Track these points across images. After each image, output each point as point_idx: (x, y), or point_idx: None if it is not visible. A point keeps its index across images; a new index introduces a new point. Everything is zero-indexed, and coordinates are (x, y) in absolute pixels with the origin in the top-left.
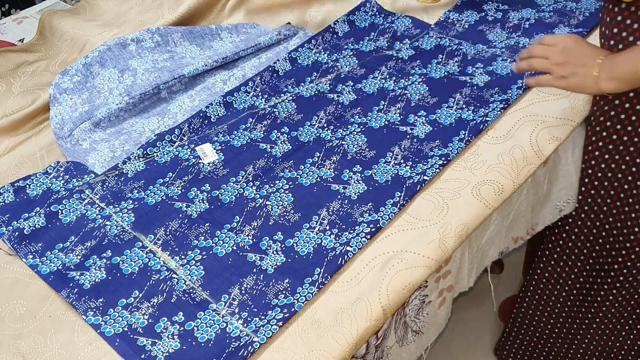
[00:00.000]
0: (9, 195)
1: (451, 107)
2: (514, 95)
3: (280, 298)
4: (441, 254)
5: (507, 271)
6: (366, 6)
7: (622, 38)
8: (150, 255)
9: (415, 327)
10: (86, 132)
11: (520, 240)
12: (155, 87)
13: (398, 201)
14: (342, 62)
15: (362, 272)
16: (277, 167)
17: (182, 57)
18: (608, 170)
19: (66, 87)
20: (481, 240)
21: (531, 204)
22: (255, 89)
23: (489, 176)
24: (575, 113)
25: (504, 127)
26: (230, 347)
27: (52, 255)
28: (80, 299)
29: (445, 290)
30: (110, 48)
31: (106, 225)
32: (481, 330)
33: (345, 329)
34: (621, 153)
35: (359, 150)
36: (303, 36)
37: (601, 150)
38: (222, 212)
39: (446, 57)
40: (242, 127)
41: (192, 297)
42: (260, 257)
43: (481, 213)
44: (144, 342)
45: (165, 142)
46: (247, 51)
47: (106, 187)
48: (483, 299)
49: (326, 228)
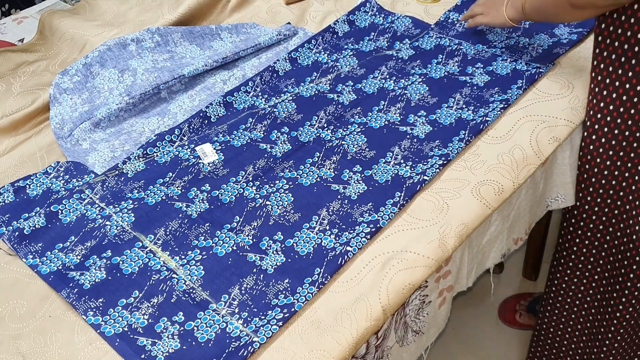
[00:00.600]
0: (9, 195)
1: (451, 107)
2: (514, 95)
3: (280, 298)
4: (441, 254)
5: (507, 271)
6: (366, 6)
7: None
8: (150, 255)
9: (416, 327)
10: (86, 132)
11: (519, 241)
12: (155, 87)
13: (398, 201)
14: (342, 62)
15: (362, 272)
16: (277, 167)
17: (182, 57)
18: (604, 167)
19: (66, 87)
20: (482, 240)
21: (530, 204)
22: (255, 89)
23: (489, 176)
24: (575, 113)
25: (504, 127)
26: (230, 347)
27: (52, 255)
28: (80, 299)
29: (446, 290)
30: (110, 48)
31: (106, 225)
32: (481, 330)
33: (345, 329)
34: (615, 148)
35: (359, 150)
36: (303, 36)
37: (598, 151)
38: (222, 212)
39: (446, 57)
40: (242, 127)
41: (192, 297)
42: (260, 257)
43: (481, 213)
44: (144, 342)
45: (165, 142)
46: (247, 51)
47: (106, 187)
48: (483, 299)
49: (326, 228)
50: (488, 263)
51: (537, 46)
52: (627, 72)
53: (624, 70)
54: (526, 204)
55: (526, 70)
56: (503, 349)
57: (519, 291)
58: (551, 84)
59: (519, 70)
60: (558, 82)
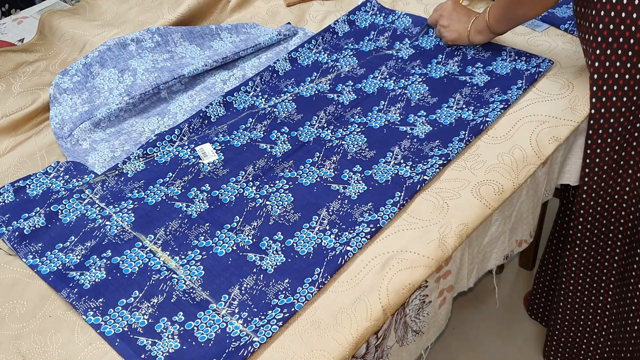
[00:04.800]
0: (9, 195)
1: (451, 107)
2: (514, 95)
3: (280, 298)
4: (441, 254)
5: (507, 271)
6: (367, 6)
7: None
8: (150, 255)
9: (416, 327)
10: (86, 132)
11: (524, 243)
12: (155, 87)
13: (398, 201)
14: (342, 62)
15: (362, 272)
16: (277, 167)
17: (182, 57)
18: (605, 160)
19: (66, 87)
20: (482, 241)
21: (532, 205)
22: (255, 89)
23: (489, 176)
24: (575, 113)
25: (504, 127)
26: (230, 347)
27: (52, 255)
28: (80, 299)
29: (446, 290)
30: (110, 48)
31: (106, 225)
32: (481, 330)
33: (345, 328)
34: (619, 142)
35: (359, 150)
36: (303, 36)
37: (601, 146)
38: (222, 212)
39: (446, 57)
40: (242, 127)
41: (192, 297)
42: (260, 257)
43: (481, 213)
44: (144, 342)
45: (165, 142)
46: (247, 51)
47: (106, 187)
48: (483, 299)
49: (326, 228)
50: (490, 264)
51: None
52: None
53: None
54: (528, 204)
55: (526, 70)
56: (504, 349)
57: (516, 283)
58: (551, 84)
59: (519, 70)
60: (558, 82)
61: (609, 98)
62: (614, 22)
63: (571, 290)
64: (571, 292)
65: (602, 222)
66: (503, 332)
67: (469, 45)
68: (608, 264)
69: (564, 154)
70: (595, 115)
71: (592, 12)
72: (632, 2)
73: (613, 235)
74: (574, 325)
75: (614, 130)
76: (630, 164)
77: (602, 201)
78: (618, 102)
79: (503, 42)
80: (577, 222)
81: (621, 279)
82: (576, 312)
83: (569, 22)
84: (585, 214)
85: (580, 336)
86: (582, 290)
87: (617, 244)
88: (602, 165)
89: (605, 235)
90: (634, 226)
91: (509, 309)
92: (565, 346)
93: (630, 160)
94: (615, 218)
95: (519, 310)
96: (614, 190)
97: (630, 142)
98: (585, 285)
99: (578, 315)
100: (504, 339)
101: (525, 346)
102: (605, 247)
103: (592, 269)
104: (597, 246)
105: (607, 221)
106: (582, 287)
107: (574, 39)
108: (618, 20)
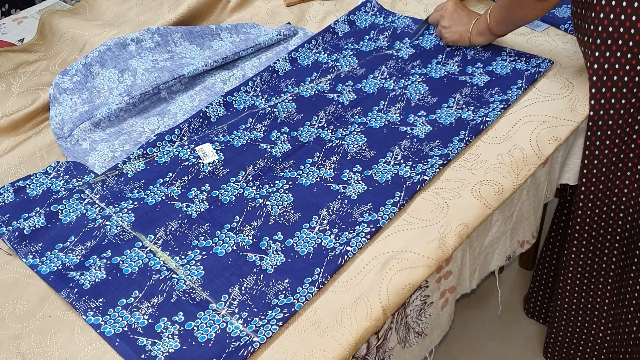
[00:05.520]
0: (9, 195)
1: (451, 107)
2: (514, 95)
3: (280, 298)
4: (441, 254)
5: (507, 271)
6: (367, 6)
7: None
8: (150, 255)
9: (418, 329)
10: (86, 132)
11: (526, 244)
12: (155, 87)
13: (398, 201)
14: (342, 62)
15: (362, 272)
16: (277, 167)
17: (182, 57)
18: (604, 162)
19: (66, 87)
20: (483, 242)
21: (533, 206)
22: (255, 89)
23: (489, 176)
24: (575, 113)
25: (504, 127)
26: (230, 347)
27: (52, 255)
28: (80, 299)
29: (448, 291)
30: (110, 48)
31: (106, 225)
32: (484, 332)
33: (345, 328)
34: (617, 143)
35: (359, 150)
36: (303, 36)
37: (600, 148)
38: (222, 212)
39: (446, 56)
40: (242, 127)
41: (192, 297)
42: (260, 257)
43: (481, 213)
44: (144, 342)
45: (165, 142)
46: (247, 51)
47: (106, 187)
48: (485, 301)
49: (326, 228)
50: (492, 265)
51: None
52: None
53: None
54: (529, 205)
55: (526, 70)
56: (504, 349)
57: (516, 283)
58: (551, 84)
59: (518, 70)
60: (558, 82)
61: (608, 100)
62: (613, 25)
63: (570, 289)
64: (570, 292)
65: (601, 222)
66: (503, 333)
67: (470, 46)
68: (606, 264)
69: (564, 154)
70: (594, 117)
71: (592, 14)
72: (631, 5)
73: (611, 235)
74: (573, 324)
75: (613, 132)
76: (629, 165)
77: (600, 201)
78: (617, 104)
79: (503, 43)
80: (575, 221)
81: (620, 279)
82: (574, 311)
83: (569, 23)
84: (584, 214)
85: (579, 335)
86: (581, 290)
87: (615, 244)
88: (600, 166)
89: (604, 234)
90: (632, 226)
91: (509, 309)
92: (564, 345)
93: (628, 162)
94: (613, 218)
95: (520, 310)
96: (612, 190)
97: (628, 143)
98: (584, 284)
99: (577, 314)
100: (504, 339)
101: (525, 346)
102: (604, 246)
103: (591, 268)
104: (595, 246)
105: (606, 221)
106: (580, 286)
107: (574, 39)
108: (617, 23)
